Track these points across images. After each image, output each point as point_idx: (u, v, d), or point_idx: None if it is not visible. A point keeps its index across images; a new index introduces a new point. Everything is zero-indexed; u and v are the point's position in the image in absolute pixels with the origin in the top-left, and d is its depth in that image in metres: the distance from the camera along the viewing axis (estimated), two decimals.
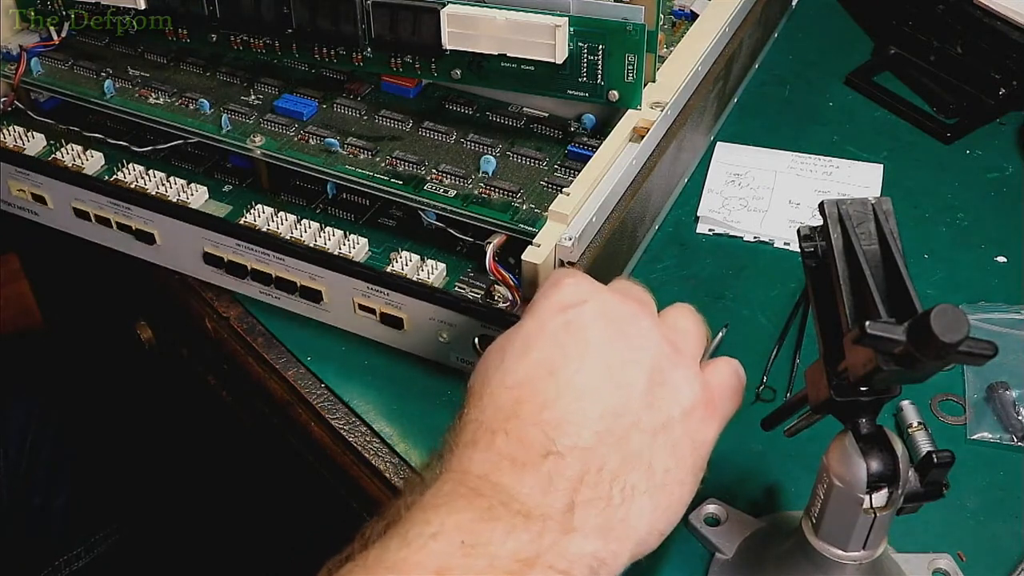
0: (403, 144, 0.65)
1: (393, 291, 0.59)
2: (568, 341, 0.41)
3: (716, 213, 0.74)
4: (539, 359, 0.41)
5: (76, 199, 0.67)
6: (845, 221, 0.43)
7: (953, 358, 0.36)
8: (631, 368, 0.41)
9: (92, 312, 1.00)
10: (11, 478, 0.86)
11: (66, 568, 0.87)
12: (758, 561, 0.52)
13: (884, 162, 0.78)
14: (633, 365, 0.41)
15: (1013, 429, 0.59)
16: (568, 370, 0.40)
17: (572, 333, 0.42)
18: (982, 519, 0.56)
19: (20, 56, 0.72)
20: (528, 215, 0.60)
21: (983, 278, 0.70)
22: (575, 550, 0.37)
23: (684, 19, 0.76)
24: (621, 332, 0.42)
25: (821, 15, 0.95)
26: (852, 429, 0.44)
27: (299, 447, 0.65)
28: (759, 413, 0.51)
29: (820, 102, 0.85)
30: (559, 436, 0.39)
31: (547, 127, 0.67)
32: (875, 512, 0.44)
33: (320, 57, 0.66)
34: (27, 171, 0.68)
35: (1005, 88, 0.82)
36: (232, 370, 0.68)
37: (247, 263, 0.63)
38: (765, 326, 0.66)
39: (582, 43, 0.60)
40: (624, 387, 0.41)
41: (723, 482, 0.57)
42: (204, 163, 0.70)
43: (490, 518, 0.37)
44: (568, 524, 0.37)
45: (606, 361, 0.41)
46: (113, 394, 0.97)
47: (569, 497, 0.38)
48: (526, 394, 0.40)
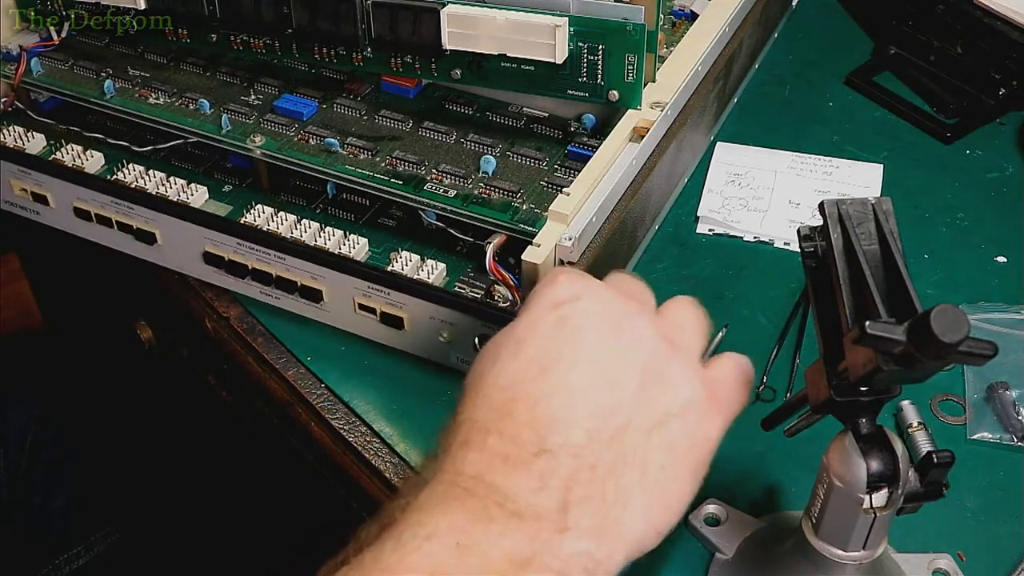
0: (403, 144, 0.65)
1: (393, 290, 0.59)
2: (561, 339, 0.41)
3: (716, 213, 0.74)
4: (531, 357, 0.41)
5: (78, 198, 0.67)
6: (845, 221, 0.43)
7: (953, 358, 0.36)
8: (625, 365, 0.41)
9: (92, 312, 1.00)
10: (11, 478, 0.86)
11: (66, 567, 0.87)
12: (758, 561, 0.52)
13: (884, 162, 0.78)
14: (627, 362, 0.41)
15: (1013, 429, 0.59)
16: (560, 368, 0.40)
17: (565, 330, 0.41)
18: (982, 519, 0.56)
19: (20, 56, 0.72)
20: (528, 215, 0.60)
21: (983, 278, 0.70)
22: (569, 550, 0.37)
23: (684, 19, 0.76)
24: (615, 328, 0.42)
25: (821, 15, 0.95)
26: (852, 429, 0.44)
27: (299, 447, 0.65)
28: (759, 413, 0.51)
29: (820, 102, 0.85)
30: (550, 434, 0.38)
31: (547, 127, 0.67)
32: (875, 512, 0.44)
33: (320, 57, 0.66)
34: (29, 170, 0.68)
35: (1005, 88, 0.82)
36: (232, 370, 0.68)
37: (248, 262, 0.63)
38: (765, 326, 0.66)
39: (582, 43, 0.60)
40: (617, 385, 0.40)
41: (723, 482, 0.57)
42: (204, 163, 0.70)
43: (484, 518, 0.36)
44: (562, 523, 0.37)
45: (599, 358, 0.41)
46: (113, 394, 0.97)
47: (562, 496, 0.38)
48: (519, 393, 0.40)
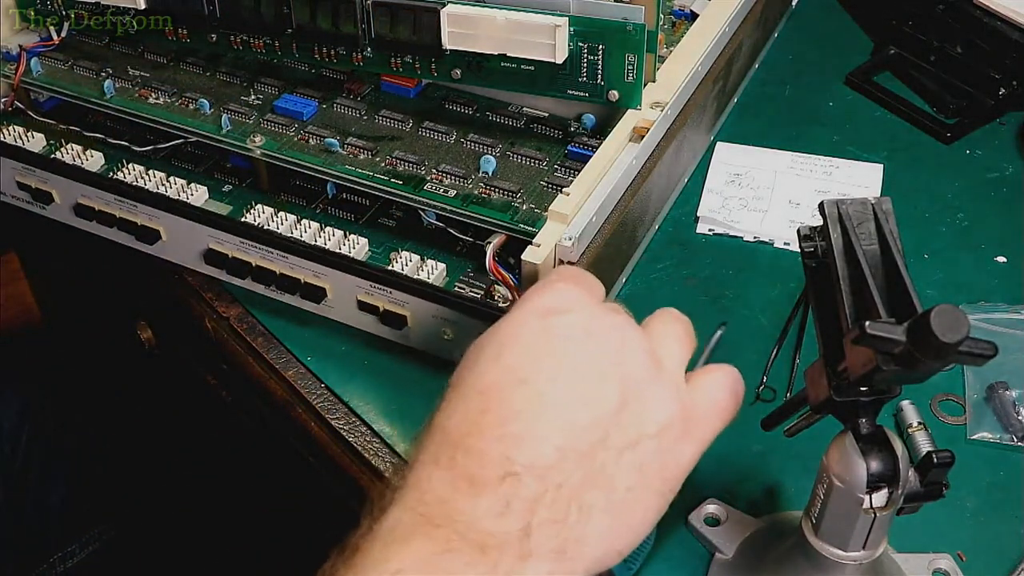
0: (403, 144, 0.65)
1: (396, 289, 0.59)
2: (543, 349, 0.40)
3: (716, 213, 0.74)
4: (511, 365, 0.40)
5: (82, 195, 0.67)
6: (845, 221, 0.43)
7: (953, 358, 0.36)
8: (604, 383, 0.40)
9: (92, 312, 1.00)
10: (6, 476, 0.86)
11: (61, 565, 0.87)
12: (758, 561, 0.52)
13: (884, 162, 0.78)
14: (607, 379, 0.40)
15: (1013, 429, 0.59)
16: (538, 380, 0.39)
17: (549, 341, 0.41)
18: (982, 519, 0.56)
19: (20, 56, 0.72)
20: (528, 215, 0.60)
21: (983, 278, 0.70)
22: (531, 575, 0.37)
23: (684, 19, 0.76)
24: (600, 345, 0.41)
25: (821, 15, 0.95)
26: (852, 429, 0.44)
27: (299, 447, 0.65)
28: (759, 413, 0.51)
29: (820, 102, 0.85)
30: (518, 453, 0.38)
31: (547, 127, 0.67)
32: (875, 512, 0.44)
33: (320, 57, 0.66)
34: (34, 168, 0.68)
35: (1005, 88, 0.81)
36: (232, 370, 0.68)
37: (251, 260, 0.63)
38: (765, 326, 0.66)
39: (582, 43, 0.60)
40: (594, 402, 0.40)
41: (723, 482, 0.57)
42: (204, 163, 0.70)
43: (447, 550, 0.36)
44: (525, 550, 0.37)
45: (579, 374, 0.40)
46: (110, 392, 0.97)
47: (526, 519, 0.37)
48: (492, 403, 0.39)
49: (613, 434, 0.39)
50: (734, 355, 0.47)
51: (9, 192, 0.71)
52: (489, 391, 0.39)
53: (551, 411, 0.39)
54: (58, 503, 0.88)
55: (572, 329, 0.41)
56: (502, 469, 0.37)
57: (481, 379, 0.40)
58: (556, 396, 0.39)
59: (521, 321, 0.41)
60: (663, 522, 0.54)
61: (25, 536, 0.86)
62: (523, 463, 0.38)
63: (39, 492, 0.87)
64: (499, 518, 0.37)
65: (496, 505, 0.37)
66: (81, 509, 0.89)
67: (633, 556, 0.53)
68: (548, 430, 0.38)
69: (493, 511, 0.37)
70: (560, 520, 0.37)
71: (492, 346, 0.41)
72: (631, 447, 0.39)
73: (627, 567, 0.53)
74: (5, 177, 0.70)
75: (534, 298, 0.42)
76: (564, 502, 0.38)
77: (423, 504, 0.38)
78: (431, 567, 0.36)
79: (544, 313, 0.41)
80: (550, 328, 0.41)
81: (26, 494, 0.87)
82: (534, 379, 0.39)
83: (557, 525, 0.37)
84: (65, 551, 0.87)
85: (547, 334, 0.41)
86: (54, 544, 0.87)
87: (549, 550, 0.37)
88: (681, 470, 0.41)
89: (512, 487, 0.37)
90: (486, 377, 0.40)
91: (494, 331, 0.42)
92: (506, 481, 0.37)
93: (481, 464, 0.38)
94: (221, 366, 0.70)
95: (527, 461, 0.38)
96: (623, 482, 0.39)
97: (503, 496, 0.37)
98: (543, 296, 0.42)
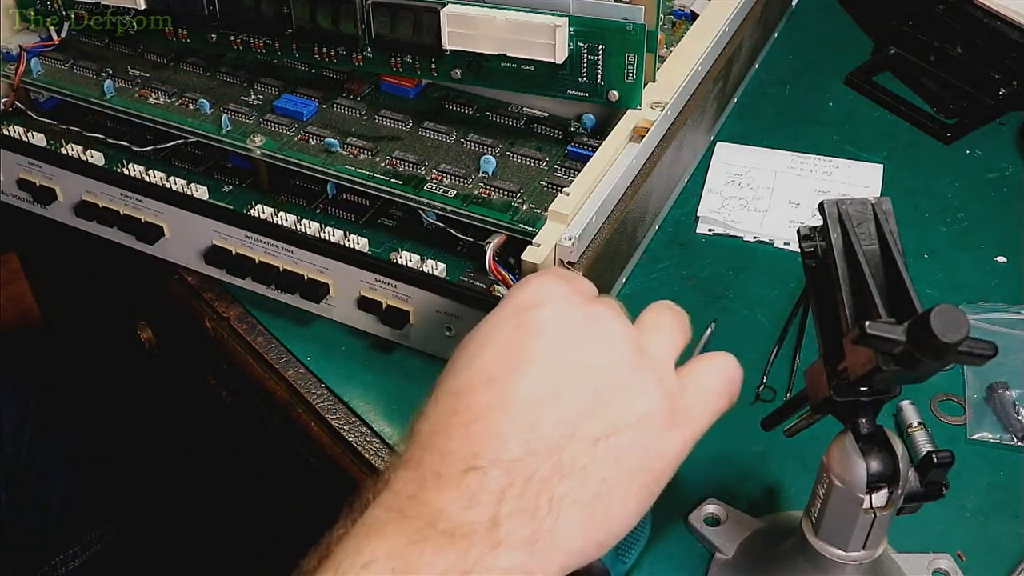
0: (403, 144, 0.65)
1: (401, 282, 0.59)
2: (515, 346, 0.40)
3: (716, 213, 0.74)
4: (483, 365, 0.40)
5: (87, 191, 0.67)
6: (845, 221, 0.43)
7: (953, 358, 0.36)
8: (577, 374, 0.40)
9: (92, 312, 1.00)
10: (7, 477, 0.86)
11: (62, 567, 0.87)
12: (758, 561, 0.52)
13: (884, 162, 0.78)
14: (580, 370, 0.40)
15: (1013, 429, 0.59)
16: (509, 378, 0.40)
17: (523, 337, 0.41)
18: (982, 519, 0.56)
19: (20, 56, 0.72)
20: (528, 215, 0.60)
21: (983, 278, 0.70)
22: (502, 564, 0.37)
23: (684, 19, 0.76)
24: (576, 337, 0.41)
25: (821, 15, 0.95)
26: (852, 429, 0.44)
27: (299, 447, 0.65)
28: (759, 413, 0.51)
29: (820, 102, 0.85)
30: (482, 449, 0.38)
31: (547, 127, 0.67)
32: (875, 512, 0.44)
33: (320, 57, 0.66)
34: (41, 163, 0.68)
35: (1005, 88, 0.82)
36: (232, 370, 0.68)
37: (255, 256, 0.63)
38: (765, 326, 0.66)
39: (582, 43, 0.60)
40: (564, 394, 0.39)
41: (723, 482, 0.57)
42: (204, 163, 0.70)
43: (419, 540, 0.36)
44: (494, 538, 0.37)
45: (549, 369, 0.40)
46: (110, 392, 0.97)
47: (493, 511, 0.37)
48: (461, 404, 0.40)
49: (586, 426, 0.39)
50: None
51: (10, 192, 0.71)
52: (460, 392, 0.40)
53: (517, 409, 0.39)
54: (59, 503, 0.88)
55: (544, 323, 0.41)
56: (466, 464, 0.38)
57: (455, 382, 0.40)
58: (524, 393, 0.39)
59: (497, 321, 0.42)
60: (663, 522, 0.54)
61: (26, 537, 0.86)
62: (488, 458, 0.38)
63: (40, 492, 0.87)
64: (466, 510, 0.37)
65: (462, 498, 0.37)
66: (82, 509, 0.89)
67: (627, 549, 0.52)
68: (514, 428, 0.39)
69: (460, 503, 0.37)
70: (530, 510, 0.38)
71: (470, 347, 0.41)
72: (605, 438, 0.39)
73: (620, 560, 0.52)
74: (6, 177, 0.70)
75: (512, 297, 0.43)
76: (533, 494, 0.38)
77: (396, 501, 0.38)
78: (403, 556, 0.36)
79: (520, 310, 0.42)
80: (523, 324, 0.41)
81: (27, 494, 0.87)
82: (502, 377, 0.40)
83: (526, 515, 0.37)
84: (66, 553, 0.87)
85: (520, 331, 0.41)
86: (55, 546, 0.87)
87: (520, 539, 0.37)
88: (667, 461, 0.40)
89: (477, 480, 0.38)
90: (459, 379, 0.40)
91: (474, 333, 0.42)
92: (469, 475, 0.38)
93: (446, 461, 0.38)
94: (221, 366, 0.70)
95: (492, 456, 0.38)
96: (598, 473, 0.39)
97: (468, 488, 0.37)
98: (521, 293, 0.43)
